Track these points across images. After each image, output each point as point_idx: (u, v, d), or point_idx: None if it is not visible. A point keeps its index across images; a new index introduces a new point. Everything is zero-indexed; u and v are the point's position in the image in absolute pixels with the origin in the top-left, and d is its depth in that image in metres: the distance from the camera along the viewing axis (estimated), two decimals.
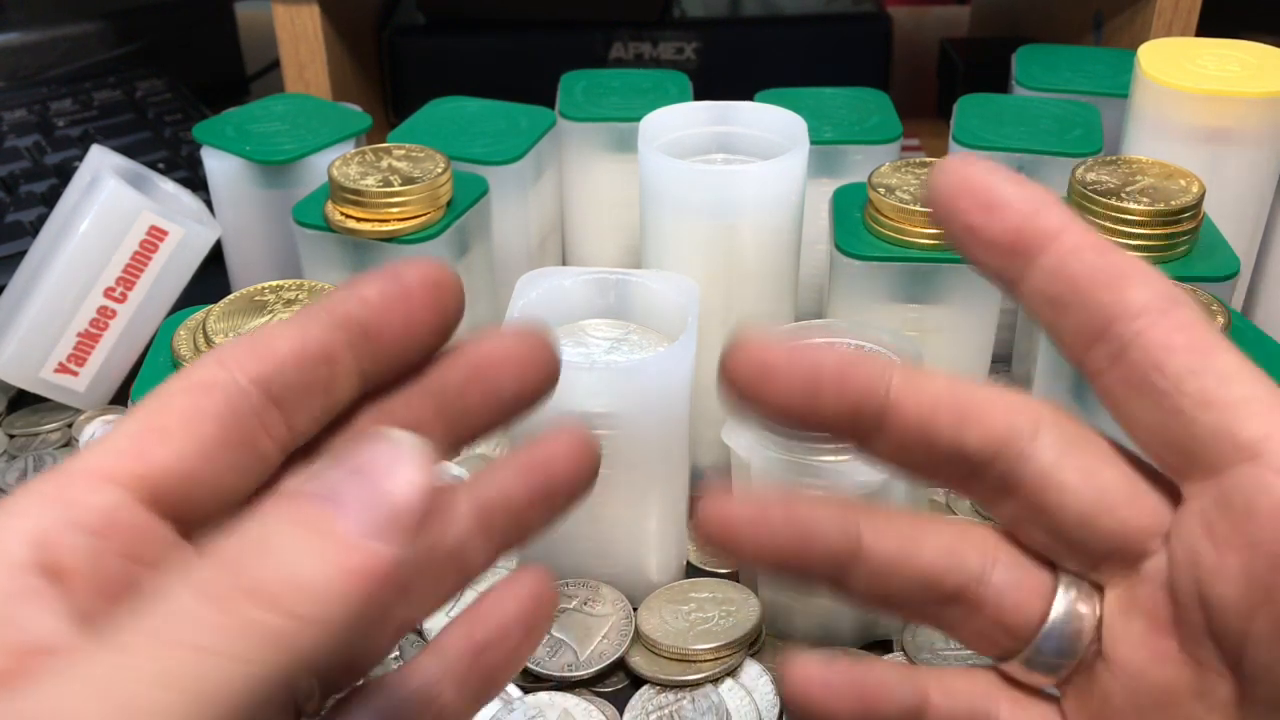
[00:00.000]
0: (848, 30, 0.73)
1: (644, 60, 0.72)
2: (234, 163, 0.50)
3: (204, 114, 0.66)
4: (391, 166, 0.44)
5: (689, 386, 0.37)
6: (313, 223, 0.43)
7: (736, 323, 0.43)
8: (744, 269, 0.42)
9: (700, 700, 0.36)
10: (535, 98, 0.53)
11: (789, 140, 0.43)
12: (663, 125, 0.44)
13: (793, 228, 0.43)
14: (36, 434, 0.48)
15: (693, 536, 0.23)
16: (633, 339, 0.40)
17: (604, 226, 0.54)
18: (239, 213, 0.52)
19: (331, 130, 0.51)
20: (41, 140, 0.65)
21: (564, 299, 0.41)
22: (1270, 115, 0.45)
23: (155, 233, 0.47)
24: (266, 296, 0.38)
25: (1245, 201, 0.47)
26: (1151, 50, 0.48)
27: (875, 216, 0.42)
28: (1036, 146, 0.49)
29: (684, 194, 0.41)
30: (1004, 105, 0.53)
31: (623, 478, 0.38)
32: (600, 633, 0.38)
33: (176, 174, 0.60)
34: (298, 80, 0.62)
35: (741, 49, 0.73)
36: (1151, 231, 0.41)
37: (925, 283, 0.42)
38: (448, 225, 0.43)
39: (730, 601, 0.39)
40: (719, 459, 0.45)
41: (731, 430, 0.38)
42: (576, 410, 0.36)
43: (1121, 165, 0.43)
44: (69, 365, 0.47)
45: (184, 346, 0.37)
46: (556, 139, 0.52)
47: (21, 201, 0.60)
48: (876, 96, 0.54)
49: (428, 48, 0.73)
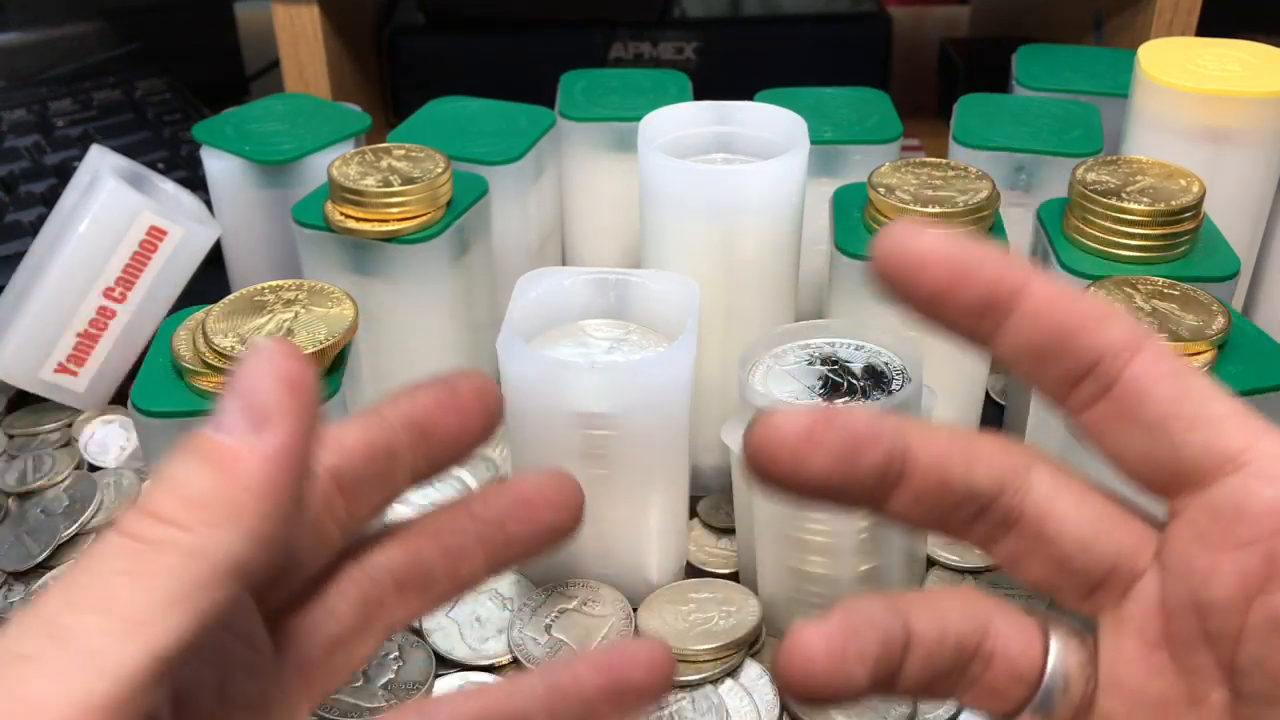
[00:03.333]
0: (848, 30, 0.73)
1: (644, 60, 0.72)
2: (234, 163, 0.50)
3: (204, 114, 0.66)
4: (391, 166, 0.44)
5: (689, 386, 0.37)
6: (312, 223, 0.43)
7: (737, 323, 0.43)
8: (744, 269, 0.42)
9: (700, 700, 0.36)
10: (535, 98, 0.53)
11: (789, 140, 0.43)
12: (663, 125, 0.44)
13: (793, 228, 0.43)
14: (36, 434, 0.48)
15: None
16: (633, 339, 0.40)
17: (604, 226, 0.54)
18: (239, 213, 0.52)
19: (331, 130, 0.51)
20: (41, 140, 0.65)
21: (564, 299, 0.40)
22: (1270, 115, 0.45)
23: (155, 233, 0.47)
24: (266, 296, 0.38)
25: (1245, 201, 0.47)
26: (1151, 50, 0.48)
27: (875, 216, 0.42)
28: (1036, 146, 0.49)
29: (684, 194, 0.41)
30: (1004, 105, 0.53)
31: (623, 478, 0.38)
32: (600, 633, 0.38)
33: (176, 174, 0.60)
34: (298, 80, 0.62)
35: (741, 49, 0.73)
36: (1151, 231, 0.40)
37: None
38: (448, 225, 0.43)
39: (730, 601, 0.39)
40: (719, 459, 0.45)
41: (731, 430, 0.38)
42: (576, 410, 0.36)
43: (1121, 165, 0.43)
44: (69, 365, 0.47)
45: (184, 346, 0.37)
46: (556, 139, 0.52)
47: (21, 201, 0.60)
48: (876, 96, 0.54)
49: (428, 48, 0.73)
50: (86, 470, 0.47)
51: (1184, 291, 0.38)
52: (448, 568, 0.27)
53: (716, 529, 0.44)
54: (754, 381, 0.37)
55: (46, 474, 0.46)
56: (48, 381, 0.47)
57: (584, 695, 0.26)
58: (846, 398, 0.36)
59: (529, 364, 0.36)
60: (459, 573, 0.28)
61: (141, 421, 0.36)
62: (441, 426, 0.26)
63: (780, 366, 0.38)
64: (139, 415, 0.36)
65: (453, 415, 0.26)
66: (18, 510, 0.45)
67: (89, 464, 0.47)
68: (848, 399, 0.36)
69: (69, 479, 0.46)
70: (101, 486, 0.45)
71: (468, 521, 0.28)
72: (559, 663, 0.27)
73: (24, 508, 0.45)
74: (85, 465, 0.47)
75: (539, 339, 0.40)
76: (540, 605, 0.39)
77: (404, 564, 0.27)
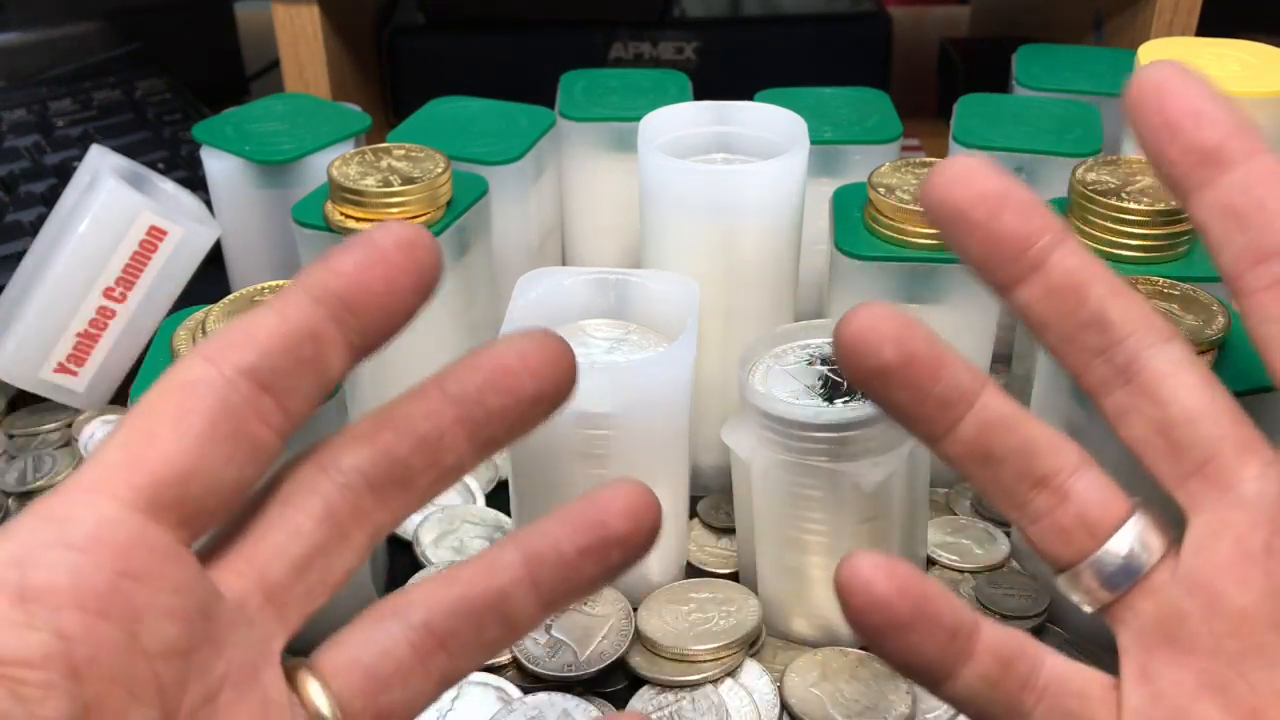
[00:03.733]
0: (848, 30, 0.73)
1: (644, 60, 0.72)
2: (234, 163, 0.50)
3: (204, 114, 0.66)
4: (391, 166, 0.44)
5: (689, 386, 0.37)
6: (312, 223, 0.43)
7: (738, 323, 0.43)
8: (744, 269, 0.42)
9: (700, 700, 0.36)
10: (535, 98, 0.53)
11: (789, 140, 0.43)
12: (663, 125, 0.44)
13: (793, 228, 0.43)
14: (36, 434, 0.48)
15: (833, 343, 0.25)
16: (633, 339, 0.40)
17: (604, 226, 0.54)
18: (239, 213, 0.52)
19: (331, 130, 0.51)
20: (41, 140, 0.65)
21: (564, 299, 0.40)
22: (1270, 115, 0.45)
23: (155, 233, 0.47)
24: (266, 296, 0.38)
25: None
26: (1151, 50, 0.48)
27: (875, 216, 0.42)
28: (1036, 146, 0.49)
29: (684, 194, 0.41)
30: (1004, 105, 0.53)
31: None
32: (600, 633, 0.38)
33: (176, 174, 0.60)
34: (298, 80, 0.62)
35: (741, 49, 0.73)
36: (1151, 231, 0.40)
37: (925, 283, 0.42)
38: (448, 225, 0.43)
39: (730, 601, 0.39)
40: (719, 459, 0.45)
41: (731, 430, 0.38)
42: (577, 410, 0.36)
43: (1121, 165, 0.43)
44: (68, 365, 0.46)
45: (184, 346, 0.37)
46: (556, 139, 0.52)
47: (21, 201, 0.60)
48: (876, 96, 0.54)
49: (428, 48, 0.73)
50: None
51: (1184, 291, 0.38)
52: (426, 458, 0.24)
53: (716, 529, 0.44)
54: (754, 381, 0.37)
55: (46, 474, 0.46)
56: (48, 381, 0.47)
57: (564, 559, 0.25)
58: (846, 398, 0.36)
59: None
60: (441, 461, 0.25)
61: None
62: (367, 292, 0.23)
63: (780, 366, 0.38)
64: None
65: (377, 277, 0.23)
66: (18, 510, 0.45)
67: None
68: (847, 399, 0.36)
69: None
70: None
71: (441, 403, 0.25)
72: (532, 528, 0.25)
73: (24, 508, 0.45)
74: None
75: None
76: None
77: (374, 462, 0.24)
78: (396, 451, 0.24)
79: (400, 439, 0.24)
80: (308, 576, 0.24)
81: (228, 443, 0.22)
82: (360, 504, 0.24)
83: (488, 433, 0.25)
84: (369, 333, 0.24)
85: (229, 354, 0.22)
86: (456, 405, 0.25)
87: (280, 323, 0.23)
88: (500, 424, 0.25)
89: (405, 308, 0.24)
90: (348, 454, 0.24)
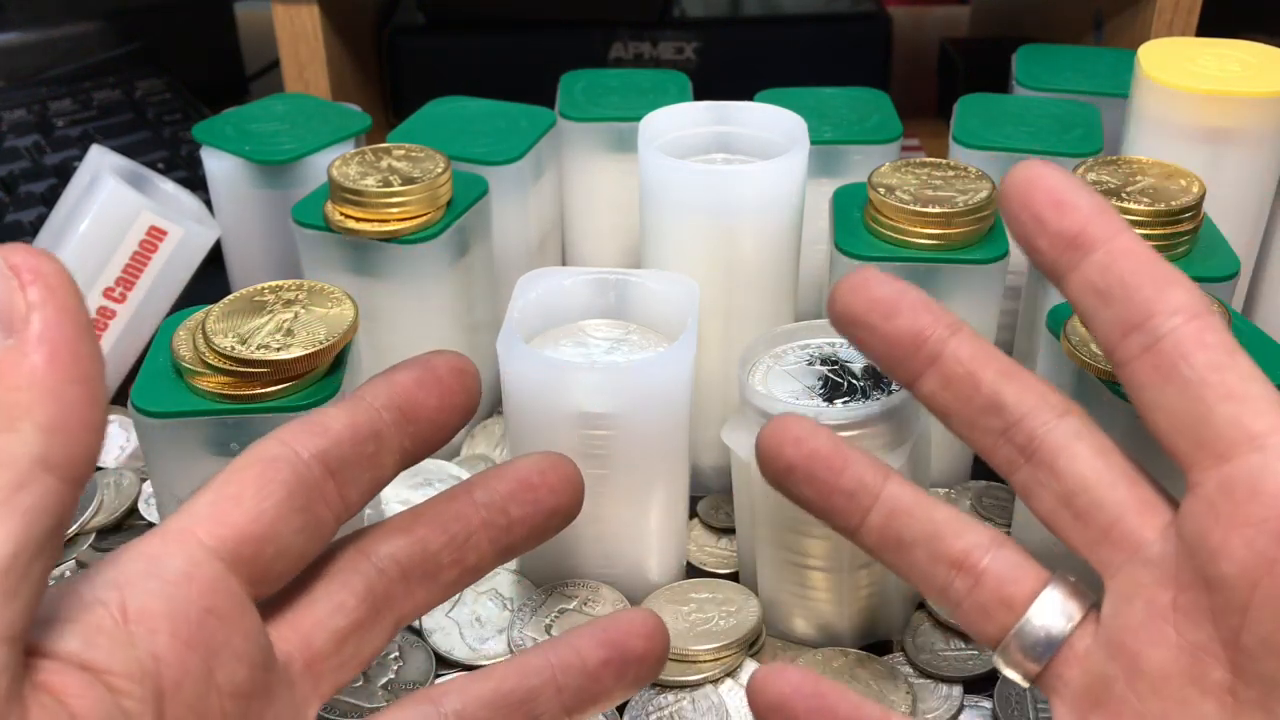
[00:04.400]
0: (848, 30, 0.73)
1: (644, 60, 0.72)
2: (233, 163, 0.50)
3: (203, 114, 0.66)
4: (391, 166, 0.44)
5: (689, 386, 0.37)
6: (312, 223, 0.43)
7: (736, 323, 0.43)
8: (744, 269, 0.42)
9: (700, 700, 0.36)
10: (535, 98, 0.53)
11: (789, 140, 0.43)
12: (663, 125, 0.44)
13: (793, 228, 0.43)
14: None
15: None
16: (633, 339, 0.40)
17: (604, 226, 0.54)
18: (239, 213, 0.52)
19: (331, 130, 0.51)
20: (41, 140, 0.65)
21: (564, 299, 0.40)
22: (1270, 115, 0.45)
23: (155, 233, 0.47)
24: (266, 296, 0.38)
25: (1245, 201, 0.47)
26: (1151, 50, 0.48)
27: (875, 216, 0.42)
28: (1036, 146, 0.49)
29: (684, 194, 0.41)
30: (1004, 105, 0.53)
31: (623, 478, 0.38)
32: None
33: (176, 174, 0.60)
34: (297, 80, 0.62)
35: (741, 49, 0.73)
36: (1152, 231, 0.40)
37: (925, 283, 0.42)
38: (447, 225, 0.43)
39: (730, 602, 0.39)
40: (719, 459, 0.45)
41: (731, 430, 0.38)
42: (576, 410, 0.36)
43: (1121, 165, 0.43)
44: None
45: (184, 347, 0.37)
46: (556, 139, 0.52)
47: (21, 201, 0.60)
48: (876, 96, 0.54)
49: (428, 48, 0.73)
50: None
51: None
52: (454, 555, 0.27)
53: (716, 529, 0.44)
54: (754, 381, 0.37)
55: None
56: None
57: (587, 669, 0.27)
58: (846, 398, 0.36)
59: (529, 364, 0.36)
60: (465, 560, 0.27)
61: (141, 421, 0.36)
62: (422, 406, 0.27)
63: (780, 366, 0.38)
64: (139, 415, 0.36)
65: (432, 394, 0.27)
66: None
67: None
68: (848, 399, 0.36)
69: None
70: (101, 486, 0.45)
71: (470, 507, 0.28)
72: (561, 639, 0.28)
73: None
74: None
75: (539, 339, 0.40)
76: (540, 605, 0.39)
77: (409, 553, 0.27)
78: (429, 546, 0.27)
79: (433, 534, 0.27)
80: (344, 650, 0.26)
81: (300, 515, 0.24)
82: (392, 590, 0.27)
83: (507, 540, 0.28)
84: (419, 440, 0.27)
85: (305, 439, 0.25)
86: (483, 510, 0.28)
87: (350, 419, 0.26)
88: (519, 532, 0.28)
89: (451, 423, 0.27)
90: (386, 543, 0.27)
